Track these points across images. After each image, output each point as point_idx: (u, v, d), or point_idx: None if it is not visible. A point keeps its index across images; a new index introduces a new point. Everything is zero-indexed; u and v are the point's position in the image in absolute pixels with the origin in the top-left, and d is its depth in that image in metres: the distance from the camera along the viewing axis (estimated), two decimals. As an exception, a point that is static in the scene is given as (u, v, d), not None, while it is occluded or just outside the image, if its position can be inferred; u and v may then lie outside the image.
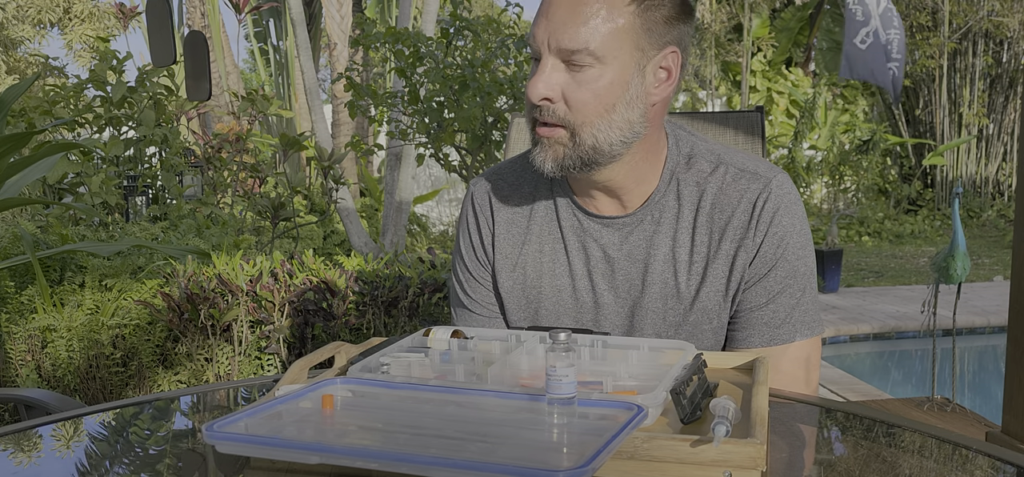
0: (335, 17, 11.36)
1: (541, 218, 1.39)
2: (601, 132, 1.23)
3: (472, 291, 1.45)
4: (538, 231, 1.39)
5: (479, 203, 1.44)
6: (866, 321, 6.32)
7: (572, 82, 1.21)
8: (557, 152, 1.25)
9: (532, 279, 1.38)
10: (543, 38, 1.21)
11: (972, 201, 12.72)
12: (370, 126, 9.74)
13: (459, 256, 1.47)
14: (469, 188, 1.48)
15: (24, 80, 3.78)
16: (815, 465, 0.97)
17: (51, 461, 1.02)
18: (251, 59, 17.80)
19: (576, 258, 1.36)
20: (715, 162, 1.33)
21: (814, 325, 1.32)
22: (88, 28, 19.67)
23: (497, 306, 1.44)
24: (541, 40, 1.22)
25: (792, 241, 1.30)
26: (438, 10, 6.31)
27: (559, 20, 1.20)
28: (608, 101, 1.22)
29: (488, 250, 1.43)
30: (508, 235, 1.41)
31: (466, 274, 1.46)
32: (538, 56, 1.23)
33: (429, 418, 0.89)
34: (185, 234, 4.48)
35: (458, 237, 1.49)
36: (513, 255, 1.40)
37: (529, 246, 1.39)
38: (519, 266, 1.39)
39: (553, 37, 1.20)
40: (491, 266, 1.43)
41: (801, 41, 14.62)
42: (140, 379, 3.10)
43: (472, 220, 1.45)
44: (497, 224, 1.42)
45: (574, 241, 1.36)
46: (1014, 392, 2.50)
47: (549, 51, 1.21)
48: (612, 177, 1.29)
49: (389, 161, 6.74)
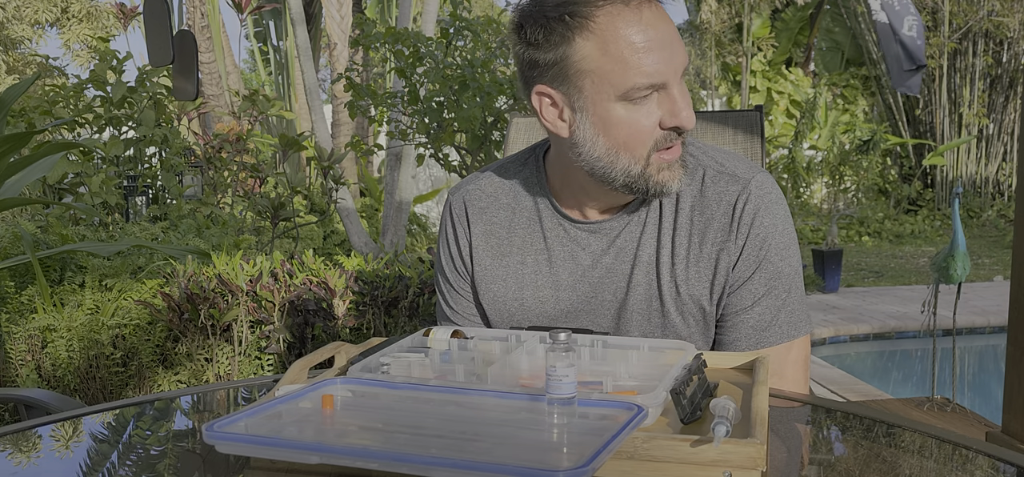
0: (335, 17, 11.36)
1: (524, 227, 1.38)
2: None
3: (454, 303, 1.44)
4: (520, 242, 1.38)
5: (456, 214, 1.43)
6: (866, 321, 6.32)
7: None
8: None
9: (514, 289, 1.37)
10: (674, 66, 1.20)
11: (972, 201, 12.72)
12: (370, 126, 9.74)
13: (440, 268, 1.46)
14: (447, 198, 1.46)
15: (24, 80, 3.78)
16: (815, 465, 0.97)
17: (51, 461, 1.02)
18: (251, 59, 17.81)
19: (560, 265, 1.35)
20: (695, 163, 1.33)
21: (801, 325, 1.32)
22: (86, 28, 19.67)
23: (479, 317, 1.43)
24: (673, 68, 1.20)
25: (774, 242, 1.29)
26: (438, 10, 6.31)
27: (678, 46, 1.22)
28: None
29: (467, 262, 1.41)
30: (487, 247, 1.40)
31: (447, 286, 1.45)
32: (664, 85, 1.21)
33: (429, 418, 0.89)
34: (185, 234, 4.48)
35: (438, 249, 1.48)
36: (493, 266, 1.39)
37: (511, 257, 1.38)
38: (499, 278, 1.38)
39: (679, 59, 1.21)
40: (471, 277, 1.41)
41: (801, 41, 14.62)
42: (140, 379, 3.11)
43: (450, 232, 1.43)
44: (474, 235, 1.40)
45: (558, 248, 1.35)
46: (1014, 392, 2.50)
47: (677, 75, 1.21)
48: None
49: (389, 161, 6.74)
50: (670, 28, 1.21)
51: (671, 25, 1.22)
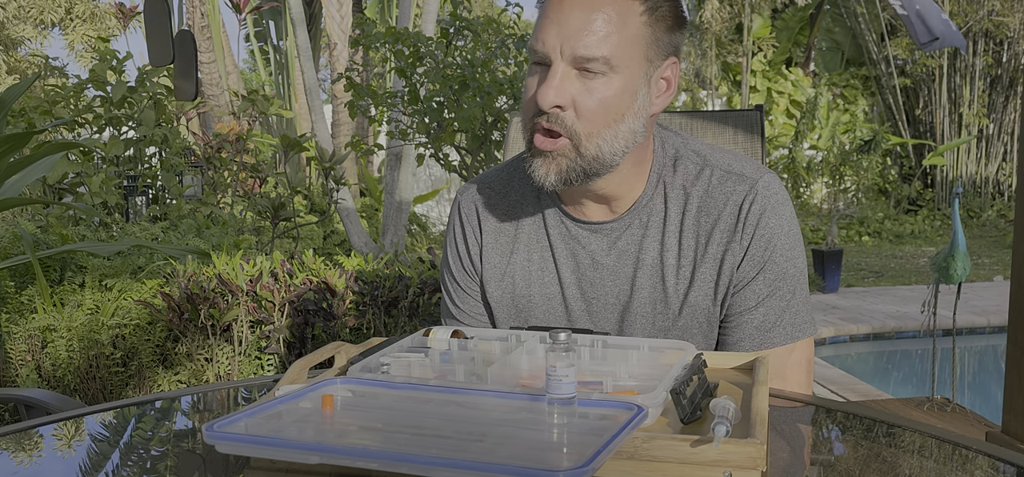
0: (335, 17, 11.36)
1: (529, 226, 1.38)
2: (606, 142, 1.21)
3: (461, 301, 1.44)
4: (526, 239, 1.37)
5: (466, 213, 1.43)
6: (866, 321, 6.32)
7: (583, 90, 1.19)
8: (560, 165, 1.22)
9: (521, 288, 1.37)
10: (554, 44, 1.18)
11: (972, 201, 12.72)
12: (370, 126, 9.74)
13: (447, 267, 1.45)
14: (455, 197, 1.46)
15: (24, 80, 3.78)
16: (815, 465, 0.97)
17: (51, 461, 1.02)
18: (251, 59, 17.80)
19: (564, 265, 1.34)
20: (701, 164, 1.32)
21: (805, 327, 1.31)
22: (89, 28, 19.68)
23: (486, 315, 1.43)
24: (552, 46, 1.18)
25: (780, 243, 1.29)
26: (438, 10, 6.31)
27: (574, 27, 1.17)
28: (617, 111, 1.20)
29: (475, 261, 1.41)
30: (496, 244, 1.39)
31: (454, 285, 1.44)
32: (546, 62, 1.20)
33: (429, 418, 0.89)
34: (185, 234, 4.48)
35: (445, 248, 1.47)
36: (501, 265, 1.38)
37: (517, 255, 1.38)
38: (507, 275, 1.38)
39: (567, 44, 1.17)
40: (479, 276, 1.41)
41: (801, 41, 14.62)
42: (140, 379, 3.11)
43: (459, 230, 1.43)
44: (484, 234, 1.40)
45: (562, 248, 1.35)
46: (1014, 392, 2.50)
47: (561, 58, 1.18)
48: (605, 185, 1.28)
49: (389, 161, 6.74)
50: (575, 11, 1.18)
51: (580, 9, 1.18)
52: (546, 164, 1.22)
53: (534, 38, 1.21)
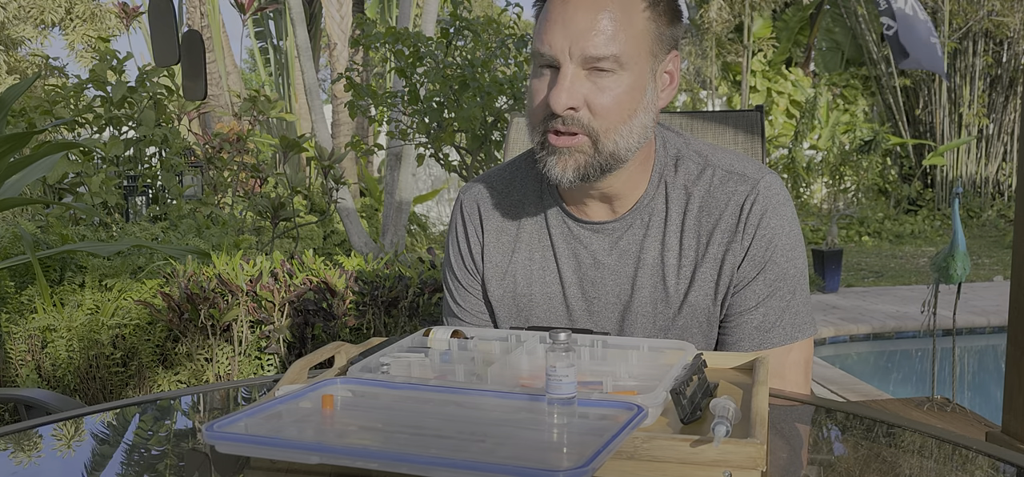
0: (335, 17, 11.36)
1: (531, 225, 1.38)
2: (622, 138, 1.22)
3: (462, 300, 1.44)
4: (528, 239, 1.38)
5: (468, 211, 1.43)
6: (866, 321, 6.32)
7: (595, 89, 1.19)
8: (578, 161, 1.22)
9: (522, 287, 1.37)
10: (563, 46, 1.18)
11: (972, 201, 12.73)
12: (370, 126, 9.74)
13: (449, 265, 1.46)
14: (458, 197, 1.46)
15: (24, 80, 3.78)
16: (815, 465, 0.97)
17: (51, 461, 1.02)
18: (251, 59, 17.81)
19: (566, 265, 1.35)
20: (702, 164, 1.32)
21: (805, 327, 1.32)
22: (90, 28, 19.69)
23: (488, 315, 1.43)
24: (560, 48, 1.18)
25: (781, 243, 1.29)
26: (438, 10, 6.31)
27: (581, 27, 1.17)
28: (630, 107, 1.21)
29: (478, 259, 1.41)
30: (498, 243, 1.40)
31: (456, 283, 1.45)
32: (554, 64, 1.20)
33: (429, 418, 0.89)
34: (185, 234, 4.48)
35: (447, 246, 1.47)
36: (503, 264, 1.39)
37: (519, 254, 1.38)
38: (509, 274, 1.38)
39: (576, 45, 1.18)
40: (481, 275, 1.41)
41: (801, 41, 14.62)
42: (140, 379, 3.11)
43: (461, 229, 1.44)
44: (487, 233, 1.41)
45: (564, 247, 1.35)
46: (1014, 392, 2.50)
47: (570, 59, 1.18)
48: (612, 183, 1.28)
49: (389, 161, 6.74)
50: (581, 12, 1.18)
51: (585, 9, 1.18)
52: (563, 161, 1.23)
53: (539, 40, 1.21)
